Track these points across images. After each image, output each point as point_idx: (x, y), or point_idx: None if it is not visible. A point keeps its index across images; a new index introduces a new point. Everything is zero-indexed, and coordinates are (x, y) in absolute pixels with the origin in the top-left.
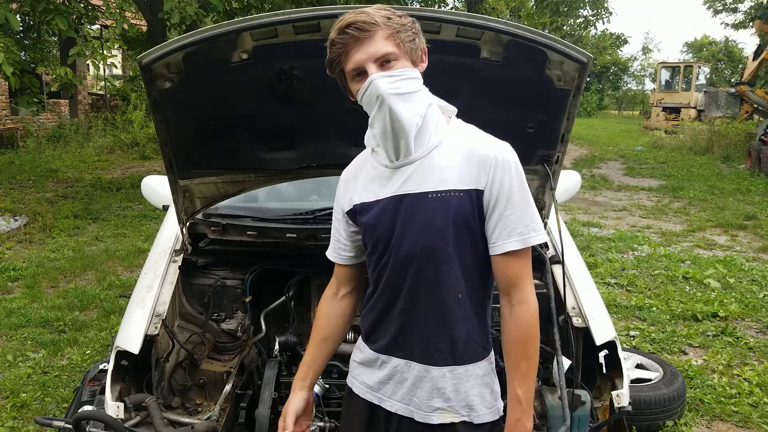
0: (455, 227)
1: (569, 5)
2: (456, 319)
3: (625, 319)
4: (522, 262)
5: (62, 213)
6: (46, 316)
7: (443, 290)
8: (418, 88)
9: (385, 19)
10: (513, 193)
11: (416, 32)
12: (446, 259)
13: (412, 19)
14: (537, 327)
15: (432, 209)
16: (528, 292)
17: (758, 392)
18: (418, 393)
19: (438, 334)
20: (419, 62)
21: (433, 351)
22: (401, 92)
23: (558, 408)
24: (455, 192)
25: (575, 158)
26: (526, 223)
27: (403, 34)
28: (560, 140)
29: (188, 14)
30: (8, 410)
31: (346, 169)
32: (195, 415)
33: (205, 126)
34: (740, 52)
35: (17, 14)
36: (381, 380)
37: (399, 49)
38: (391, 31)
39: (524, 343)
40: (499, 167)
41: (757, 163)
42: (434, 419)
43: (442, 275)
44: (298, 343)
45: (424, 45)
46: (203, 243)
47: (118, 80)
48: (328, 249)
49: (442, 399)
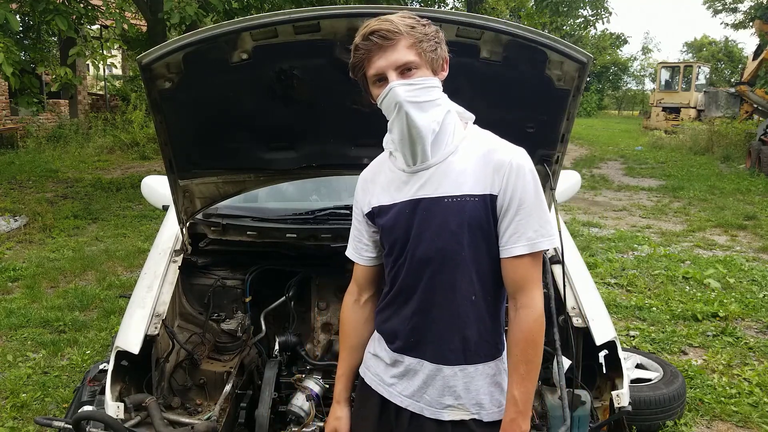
0: (470, 231)
1: (569, 5)
2: (469, 320)
3: (625, 319)
4: (529, 267)
5: (62, 213)
6: (46, 316)
7: (457, 293)
8: (437, 96)
9: (409, 28)
10: (525, 198)
11: (439, 41)
12: (461, 263)
13: (435, 28)
14: (540, 332)
15: (447, 213)
16: (533, 296)
17: (758, 392)
18: (429, 391)
19: (450, 335)
20: (440, 71)
21: (446, 351)
22: (419, 100)
23: (558, 408)
24: (470, 197)
25: (575, 158)
26: (536, 228)
27: (426, 43)
28: (560, 140)
29: (188, 14)
30: (8, 410)
31: (364, 171)
32: (195, 416)
33: (205, 126)
34: (740, 52)
35: (17, 14)
36: (394, 375)
37: (420, 58)
38: (414, 41)
39: (524, 346)
40: (513, 172)
41: (756, 163)
42: (445, 416)
43: (457, 278)
44: (298, 343)
45: (446, 54)
46: (203, 243)
47: (118, 80)
48: (347, 249)
49: (453, 397)
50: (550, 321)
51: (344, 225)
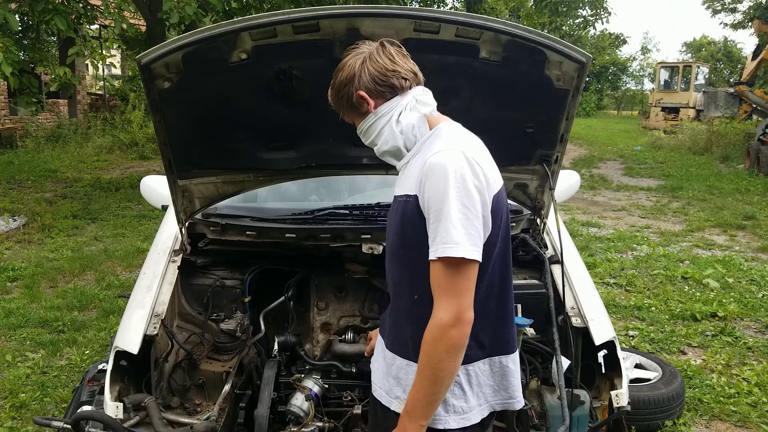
0: (403, 230)
1: (568, 5)
2: (409, 318)
3: (624, 319)
4: (438, 274)
5: (61, 213)
6: (45, 316)
7: (399, 289)
8: (377, 123)
9: (331, 99)
10: (434, 202)
11: (344, 87)
12: (399, 260)
13: (339, 79)
14: (431, 343)
15: (394, 212)
16: (438, 306)
17: (757, 392)
18: (390, 379)
19: (398, 328)
20: (365, 106)
21: (399, 343)
22: (371, 139)
23: (557, 408)
24: (407, 197)
25: (574, 158)
26: (442, 236)
27: (339, 103)
28: (559, 140)
29: (187, 14)
30: (7, 410)
31: None
32: (194, 415)
33: (205, 126)
34: (739, 52)
35: (16, 14)
36: (378, 365)
37: (348, 115)
38: (338, 107)
39: (421, 352)
40: (425, 174)
41: (755, 163)
42: (393, 406)
43: (398, 275)
44: (297, 343)
45: (356, 90)
46: (202, 243)
47: (117, 80)
48: None
49: (400, 389)
50: (549, 321)
51: (343, 225)
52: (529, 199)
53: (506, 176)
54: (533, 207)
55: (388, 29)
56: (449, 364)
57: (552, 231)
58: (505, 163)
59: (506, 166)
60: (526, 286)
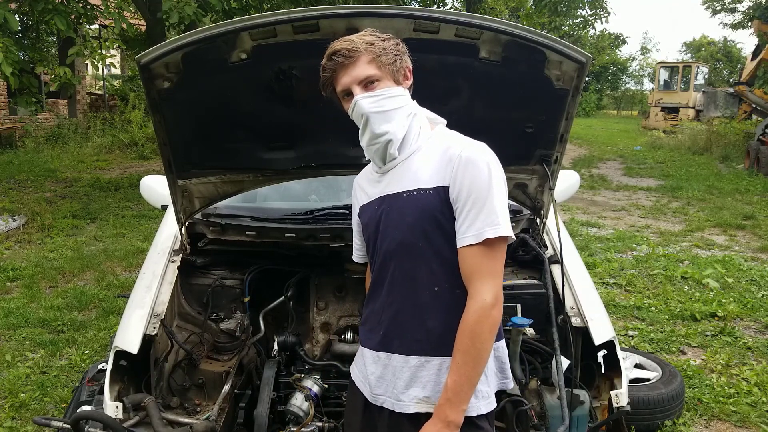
0: (426, 223)
1: (568, 5)
2: (431, 311)
3: (623, 318)
4: (478, 257)
5: (61, 213)
6: (44, 316)
7: (417, 284)
8: (401, 104)
9: (368, 45)
10: (473, 190)
11: (399, 53)
12: (419, 254)
13: (395, 41)
14: (478, 323)
15: (405, 207)
16: (479, 287)
17: (756, 392)
18: (398, 384)
19: (413, 325)
20: (403, 80)
21: (411, 341)
22: (384, 110)
23: (557, 408)
24: (425, 190)
25: (574, 158)
26: (483, 219)
27: (385, 57)
28: (559, 140)
29: (187, 14)
30: (7, 410)
31: (357, 176)
32: (194, 415)
33: (204, 126)
34: (739, 52)
35: (16, 14)
36: (369, 372)
37: (381, 71)
38: (373, 56)
39: (462, 336)
40: (462, 165)
41: (755, 163)
42: (411, 408)
43: (417, 270)
44: (296, 342)
45: (407, 64)
46: (202, 243)
47: (117, 80)
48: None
49: (419, 388)
50: (548, 321)
51: (343, 225)
52: (529, 199)
53: (506, 176)
54: (533, 207)
55: (388, 29)
56: (490, 344)
57: (552, 231)
58: (505, 163)
59: (506, 165)
60: (525, 286)
